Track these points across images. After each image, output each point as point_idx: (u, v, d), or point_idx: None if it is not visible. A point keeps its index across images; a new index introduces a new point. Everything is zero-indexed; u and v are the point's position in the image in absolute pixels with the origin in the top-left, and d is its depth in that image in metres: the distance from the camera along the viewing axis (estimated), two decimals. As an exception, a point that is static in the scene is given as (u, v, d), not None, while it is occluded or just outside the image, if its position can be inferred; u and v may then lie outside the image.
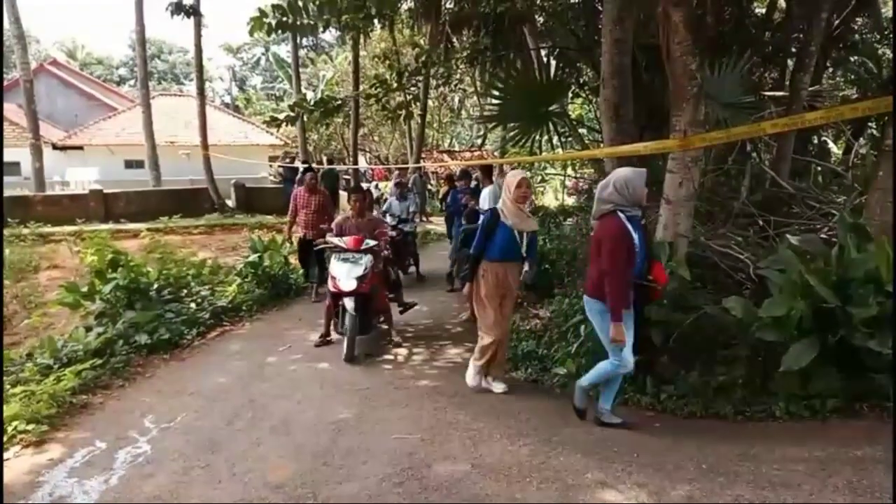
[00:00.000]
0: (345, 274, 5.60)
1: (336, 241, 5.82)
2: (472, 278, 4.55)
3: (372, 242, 5.82)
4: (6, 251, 11.06)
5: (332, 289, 5.68)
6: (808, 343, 3.70)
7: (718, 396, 3.95)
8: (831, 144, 10.69)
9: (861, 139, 9.27)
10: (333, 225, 6.20)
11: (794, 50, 8.33)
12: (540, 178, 19.95)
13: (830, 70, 10.45)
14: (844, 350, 3.58)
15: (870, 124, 9.09)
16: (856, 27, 9.83)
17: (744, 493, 2.94)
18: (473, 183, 9.81)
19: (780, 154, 6.99)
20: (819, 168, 7.96)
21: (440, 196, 14.45)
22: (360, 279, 5.56)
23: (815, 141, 9.55)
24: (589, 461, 3.36)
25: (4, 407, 4.08)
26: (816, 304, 3.75)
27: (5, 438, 3.83)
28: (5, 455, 3.70)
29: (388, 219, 8.54)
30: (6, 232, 12.91)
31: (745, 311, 4.07)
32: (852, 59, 10.15)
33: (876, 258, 3.72)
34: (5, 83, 26.98)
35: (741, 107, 6.61)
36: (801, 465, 3.15)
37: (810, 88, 7.46)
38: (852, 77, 10.51)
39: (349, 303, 5.51)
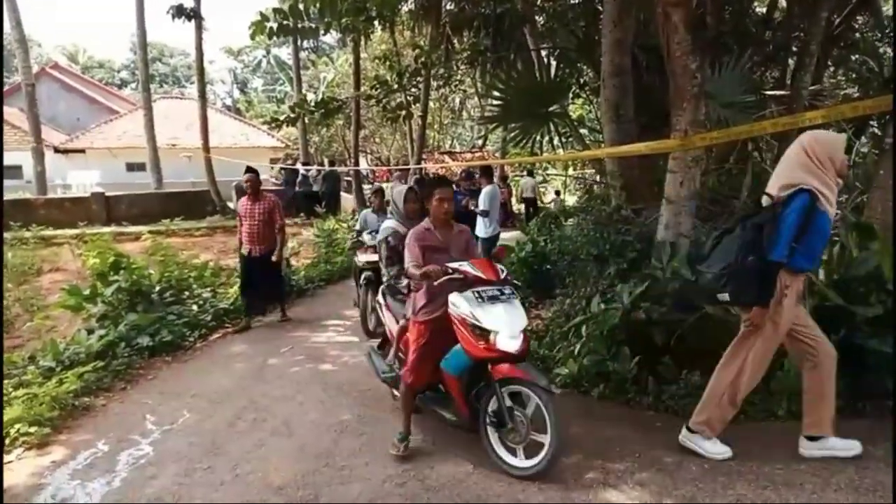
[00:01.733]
0: (506, 324, 3.25)
1: (468, 268, 3.39)
2: (769, 298, 3.03)
3: (505, 269, 3.60)
4: (8, 255, 11.08)
5: (477, 353, 3.24)
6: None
7: (720, 396, 3.93)
8: (833, 143, 10.66)
9: (862, 138, 9.25)
10: (412, 241, 3.62)
11: (794, 49, 8.35)
12: (541, 178, 19.97)
13: (831, 69, 10.46)
14: (847, 349, 3.57)
15: (871, 123, 9.07)
16: (856, 26, 9.84)
17: (746, 492, 2.94)
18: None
19: (782, 153, 6.97)
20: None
21: None
22: (524, 332, 3.34)
23: (817, 140, 9.53)
24: (591, 461, 3.36)
25: (7, 409, 4.09)
26: (818, 303, 3.74)
27: (7, 441, 3.85)
28: (8, 458, 3.71)
29: (366, 237, 6.19)
30: (8, 235, 12.94)
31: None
32: (853, 57, 10.15)
33: (878, 257, 3.72)
34: (7, 87, 27.07)
35: (742, 106, 6.62)
36: (803, 464, 3.15)
37: (811, 87, 7.47)
38: (853, 76, 10.51)
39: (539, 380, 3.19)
